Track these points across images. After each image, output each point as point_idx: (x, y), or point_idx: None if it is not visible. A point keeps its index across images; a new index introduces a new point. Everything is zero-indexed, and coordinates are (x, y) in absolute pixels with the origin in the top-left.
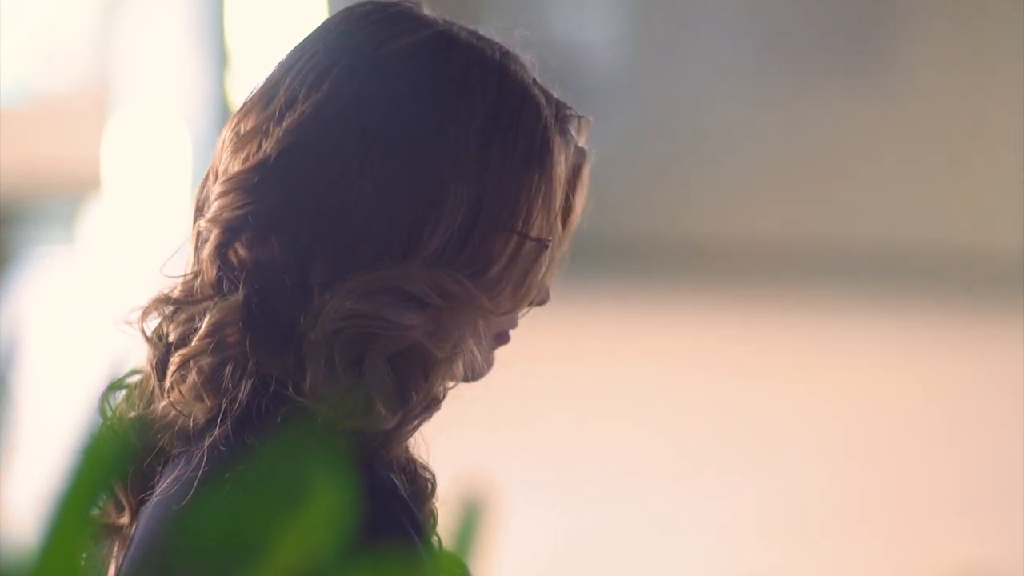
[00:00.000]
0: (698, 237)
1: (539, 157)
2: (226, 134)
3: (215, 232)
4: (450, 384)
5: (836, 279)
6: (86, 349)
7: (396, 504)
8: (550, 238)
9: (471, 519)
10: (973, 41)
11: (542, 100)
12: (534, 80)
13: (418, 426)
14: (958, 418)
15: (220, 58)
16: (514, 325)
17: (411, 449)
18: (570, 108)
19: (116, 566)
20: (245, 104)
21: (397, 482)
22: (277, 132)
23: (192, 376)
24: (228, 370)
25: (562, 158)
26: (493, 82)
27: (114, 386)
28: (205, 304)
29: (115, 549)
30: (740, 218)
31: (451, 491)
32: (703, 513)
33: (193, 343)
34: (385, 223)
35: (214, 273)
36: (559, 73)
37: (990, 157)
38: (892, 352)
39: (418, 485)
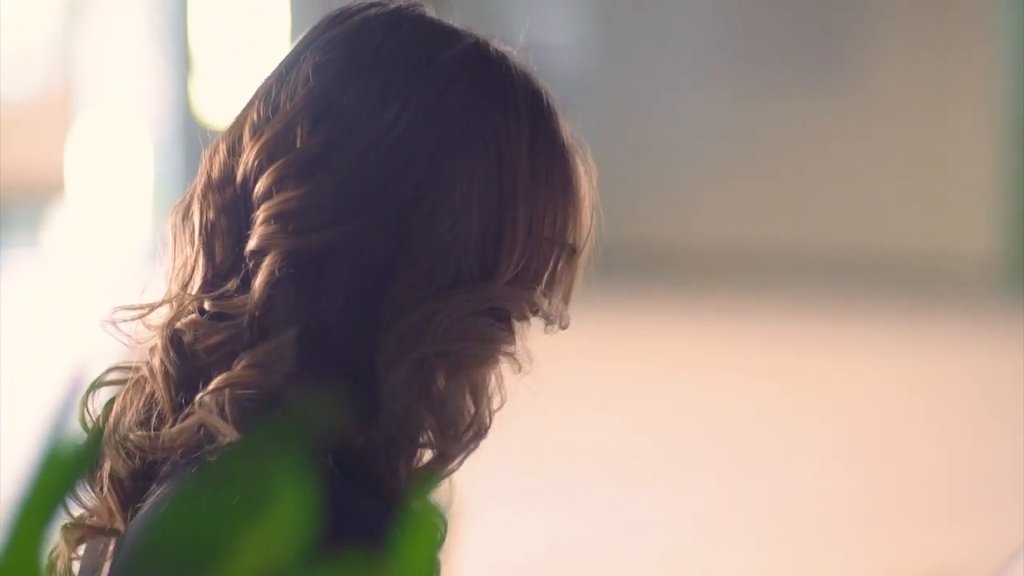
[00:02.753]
0: (665, 240)
1: (572, 171)
2: (249, 151)
3: (273, 256)
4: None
5: (805, 280)
6: (53, 353)
7: (371, 520)
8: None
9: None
10: (937, 43)
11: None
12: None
13: (468, 455)
14: (936, 420)
15: (184, 62)
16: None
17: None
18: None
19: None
20: (258, 125)
21: (382, 508)
22: (340, 159)
23: (226, 402)
24: (264, 403)
25: (581, 169)
26: (527, 99)
27: (95, 385)
28: (244, 325)
29: (113, 549)
30: (709, 220)
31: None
32: (687, 515)
33: (237, 369)
34: (461, 246)
35: (264, 296)
36: None
37: (954, 159)
38: (864, 353)
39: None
